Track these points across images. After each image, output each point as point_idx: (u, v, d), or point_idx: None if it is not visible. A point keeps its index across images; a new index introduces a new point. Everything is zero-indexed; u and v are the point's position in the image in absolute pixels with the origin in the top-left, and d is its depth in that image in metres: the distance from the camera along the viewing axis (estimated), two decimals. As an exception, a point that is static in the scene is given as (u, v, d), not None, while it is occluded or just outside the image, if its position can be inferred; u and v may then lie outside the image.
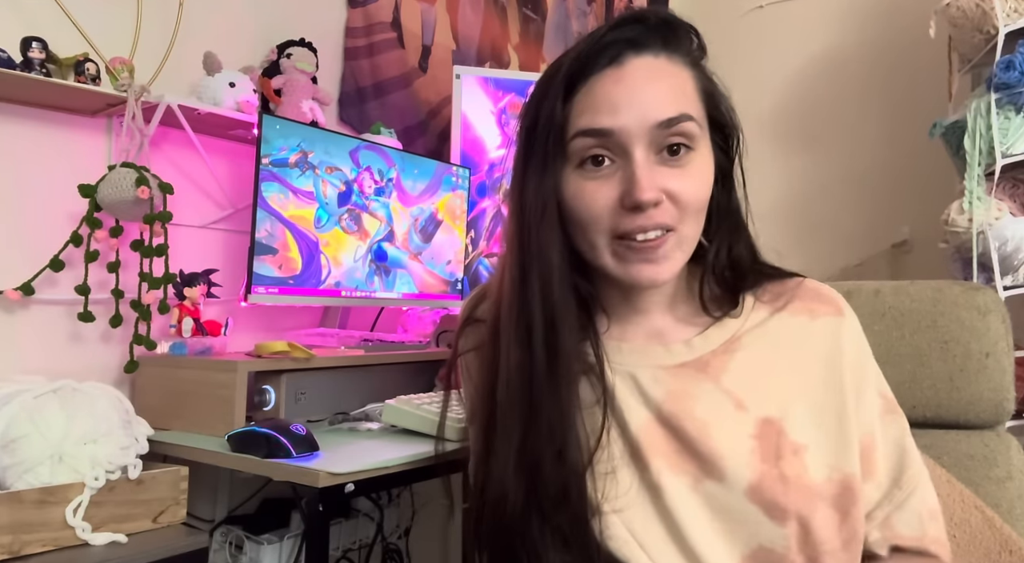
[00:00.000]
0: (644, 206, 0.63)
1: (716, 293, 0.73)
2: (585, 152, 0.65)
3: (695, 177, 0.65)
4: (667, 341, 0.72)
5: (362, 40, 1.79)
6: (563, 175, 0.67)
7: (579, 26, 2.50)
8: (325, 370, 1.30)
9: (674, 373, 0.69)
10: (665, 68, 0.65)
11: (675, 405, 0.67)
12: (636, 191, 0.62)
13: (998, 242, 1.53)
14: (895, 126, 2.23)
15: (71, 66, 1.20)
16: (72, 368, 1.21)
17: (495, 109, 1.87)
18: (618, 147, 0.64)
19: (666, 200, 0.64)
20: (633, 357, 0.71)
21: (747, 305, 0.73)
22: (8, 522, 0.87)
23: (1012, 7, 1.57)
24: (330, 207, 1.42)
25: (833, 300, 0.73)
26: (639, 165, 0.63)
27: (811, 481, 0.64)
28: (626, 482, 0.67)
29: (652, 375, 0.70)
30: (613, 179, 0.65)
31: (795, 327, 0.71)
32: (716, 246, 0.72)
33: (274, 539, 1.34)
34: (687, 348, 0.71)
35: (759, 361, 0.69)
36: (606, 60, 0.64)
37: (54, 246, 1.21)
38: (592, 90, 0.64)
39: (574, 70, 0.65)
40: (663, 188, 0.63)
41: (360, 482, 0.95)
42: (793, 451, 0.65)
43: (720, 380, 0.68)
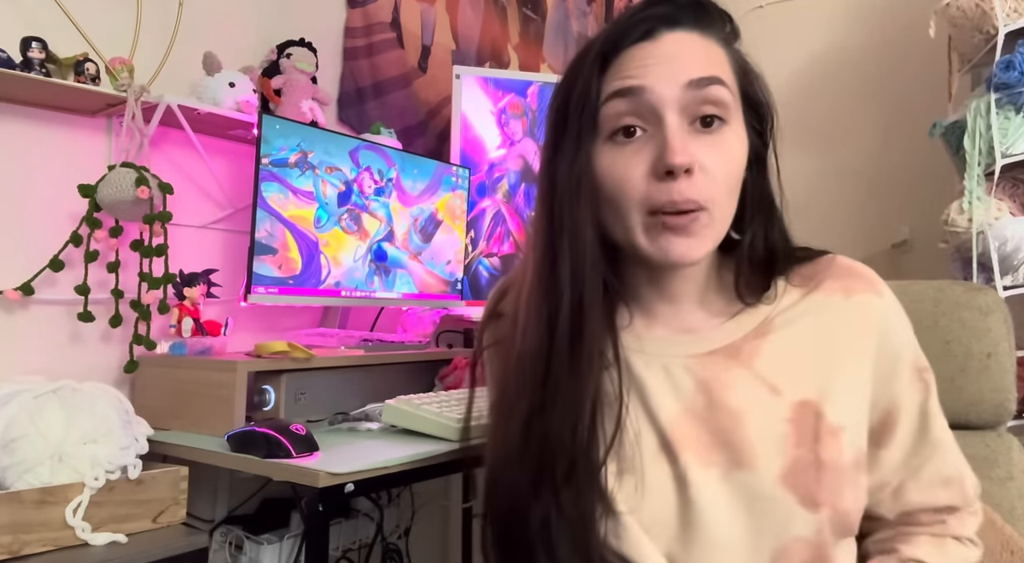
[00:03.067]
0: (676, 170, 0.61)
1: (750, 281, 0.71)
2: (616, 121, 0.64)
3: (728, 151, 0.64)
4: (697, 330, 0.70)
5: (362, 40, 1.79)
6: (595, 148, 0.65)
7: (579, 26, 2.50)
8: (325, 370, 1.30)
9: (705, 361, 0.68)
10: (699, 41, 0.65)
11: (707, 395, 0.66)
12: (668, 154, 0.60)
13: (998, 242, 1.53)
14: (895, 126, 2.23)
15: (71, 66, 1.20)
16: (72, 368, 1.21)
17: (495, 109, 1.87)
18: (649, 111, 0.62)
19: (698, 171, 0.62)
20: (663, 347, 0.69)
21: (779, 289, 0.71)
22: (8, 522, 0.87)
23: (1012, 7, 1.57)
24: (330, 207, 1.42)
25: (868, 277, 0.71)
26: (671, 129, 0.61)
27: (844, 463, 0.64)
28: (654, 477, 0.65)
29: (683, 365, 0.68)
30: (645, 149, 0.63)
31: (830, 306, 0.69)
32: (751, 235, 0.70)
33: (274, 539, 1.34)
34: (718, 334, 0.69)
35: (793, 343, 0.68)
36: (639, 33, 0.64)
37: (54, 246, 1.21)
38: (624, 61, 0.64)
39: (607, 46, 0.65)
40: (696, 158, 0.62)
41: (360, 482, 0.95)
42: (831, 433, 0.64)
43: (753, 365, 0.67)
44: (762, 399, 0.65)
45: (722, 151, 0.63)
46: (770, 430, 0.64)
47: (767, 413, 0.65)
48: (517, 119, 1.89)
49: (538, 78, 1.96)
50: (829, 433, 0.64)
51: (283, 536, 1.35)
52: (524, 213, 1.88)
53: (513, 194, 1.88)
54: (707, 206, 0.63)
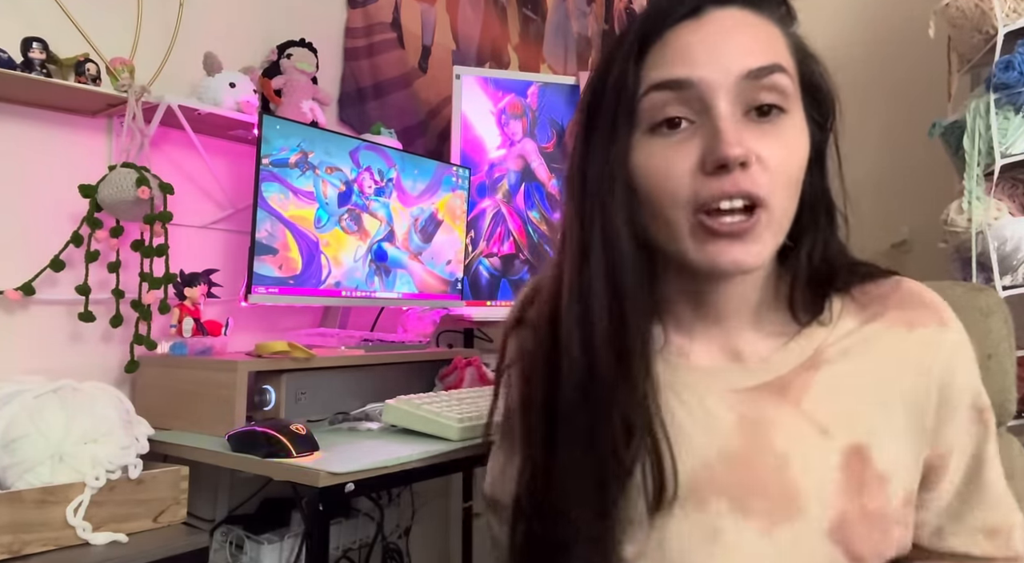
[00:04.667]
0: (730, 163, 0.52)
1: (806, 297, 0.62)
2: (659, 112, 0.55)
3: (789, 143, 0.55)
4: (744, 359, 0.61)
5: (362, 40, 1.79)
6: (632, 142, 0.56)
7: (579, 26, 2.50)
8: (325, 370, 1.30)
9: (748, 397, 0.59)
10: (752, 20, 0.56)
11: (750, 435, 0.58)
12: (721, 146, 0.52)
13: (997, 242, 1.53)
14: (895, 126, 2.23)
15: (71, 66, 1.20)
16: (72, 368, 1.21)
17: (495, 109, 1.88)
18: (698, 102, 0.54)
19: (755, 164, 0.53)
20: (702, 379, 0.61)
21: (835, 311, 0.62)
22: (8, 522, 0.87)
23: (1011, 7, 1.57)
24: (330, 207, 1.42)
25: (936, 307, 0.62)
26: (723, 118, 0.53)
27: (890, 510, 0.57)
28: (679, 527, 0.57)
29: (724, 400, 0.59)
30: (692, 142, 0.54)
31: (889, 340, 0.60)
32: (810, 243, 0.61)
33: (274, 539, 1.34)
34: (764, 367, 0.61)
35: (845, 379, 0.59)
36: (684, 11, 0.55)
37: (54, 246, 1.21)
38: (667, 44, 0.55)
39: (647, 26, 0.56)
40: (752, 150, 0.53)
41: (360, 482, 0.95)
42: (878, 482, 0.57)
43: (801, 403, 0.59)
44: (812, 442, 0.58)
45: (782, 142, 0.55)
46: (819, 477, 0.57)
47: (816, 458, 0.57)
48: (517, 119, 1.89)
49: (538, 78, 1.96)
50: (876, 481, 0.57)
51: (283, 536, 1.35)
52: (524, 213, 1.88)
53: (513, 194, 1.88)
54: (766, 202, 0.54)
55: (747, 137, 0.53)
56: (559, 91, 1.93)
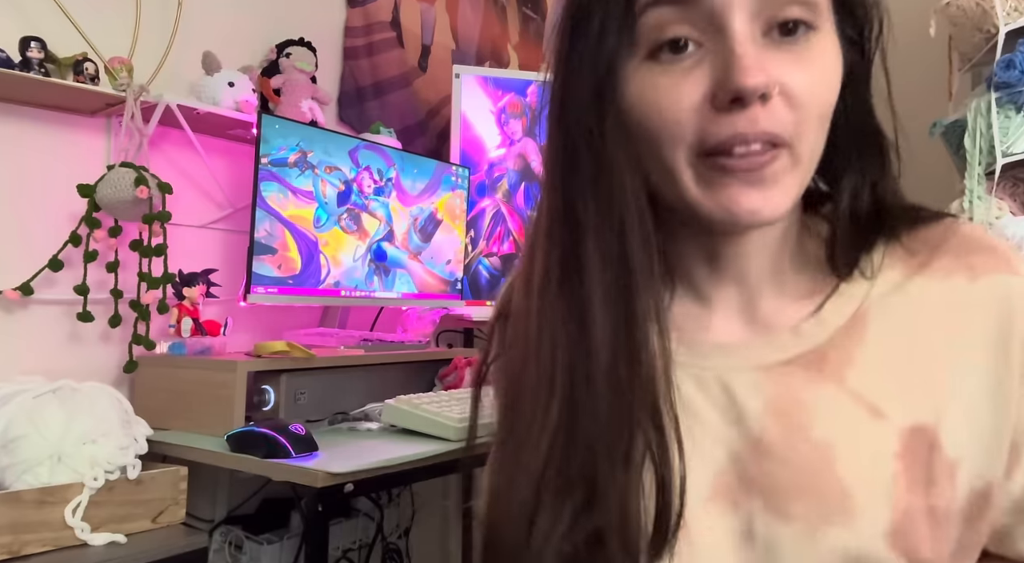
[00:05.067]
0: (748, 96, 0.42)
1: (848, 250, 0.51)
2: (660, 32, 0.44)
3: (818, 69, 0.45)
4: (771, 328, 0.51)
5: (361, 39, 1.79)
6: (626, 69, 0.45)
7: (579, 25, 2.50)
8: (325, 370, 1.30)
9: (779, 375, 0.49)
10: None
11: (784, 422, 0.48)
12: (737, 74, 0.42)
13: (998, 241, 1.52)
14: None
15: (70, 66, 1.20)
16: (71, 368, 1.21)
17: (495, 109, 1.87)
18: (708, 20, 0.43)
19: (777, 97, 0.43)
20: (722, 358, 0.51)
21: (875, 261, 0.51)
22: (8, 522, 0.87)
23: (1012, 6, 1.56)
24: (329, 207, 1.42)
25: (999, 251, 0.50)
26: (739, 40, 0.42)
27: (958, 505, 0.46)
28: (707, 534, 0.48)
29: (750, 380, 0.49)
30: (700, 70, 0.44)
31: (946, 292, 0.49)
32: (853, 185, 0.51)
33: (274, 539, 1.34)
34: (795, 337, 0.50)
35: (897, 344, 0.49)
36: None
37: (53, 246, 1.21)
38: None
39: None
40: (774, 78, 0.43)
41: (359, 482, 0.95)
42: (948, 473, 0.46)
43: (845, 379, 0.48)
44: (861, 426, 0.47)
45: (812, 69, 0.45)
46: (874, 470, 0.46)
47: (869, 446, 0.47)
48: (517, 118, 1.89)
49: (538, 77, 1.95)
50: (945, 471, 0.46)
51: (283, 536, 1.35)
52: (524, 212, 1.88)
53: (513, 194, 1.87)
54: (788, 139, 0.44)
55: (768, 62, 0.43)
56: (559, 90, 1.93)
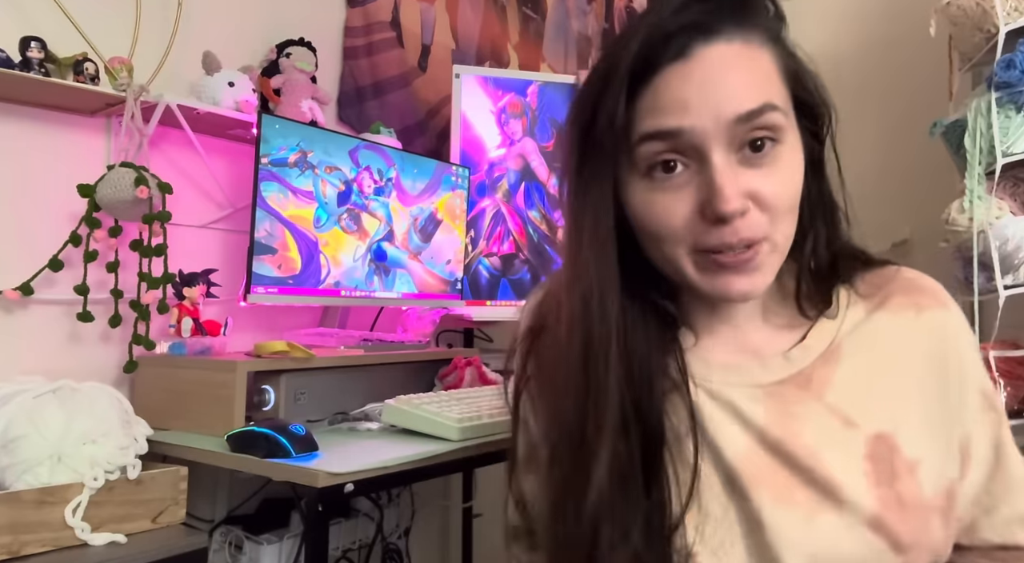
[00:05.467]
0: (728, 218, 0.54)
1: (811, 291, 0.64)
2: (654, 158, 0.56)
3: (784, 174, 0.57)
4: (763, 355, 0.63)
5: (361, 39, 1.79)
6: (628, 185, 0.58)
7: (579, 25, 2.50)
8: (325, 370, 1.30)
9: (774, 392, 0.61)
10: (740, 55, 0.55)
11: (781, 429, 0.59)
12: (718, 202, 0.53)
13: (999, 241, 1.52)
14: (895, 125, 2.23)
15: (70, 66, 1.20)
16: (71, 368, 1.21)
17: (495, 108, 1.87)
18: (691, 149, 0.55)
19: (752, 207, 0.55)
20: (726, 376, 0.62)
21: (842, 301, 0.64)
22: (7, 522, 0.87)
23: (1012, 6, 1.56)
24: (329, 207, 1.42)
25: (936, 291, 0.65)
26: (718, 170, 0.54)
27: (925, 498, 0.58)
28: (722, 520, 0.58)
29: (750, 395, 0.61)
30: (689, 188, 0.56)
31: (900, 325, 0.63)
32: (813, 240, 0.63)
33: (274, 539, 1.34)
34: (786, 362, 0.62)
35: (863, 369, 0.62)
36: (672, 53, 0.55)
37: (53, 246, 1.21)
38: (657, 90, 0.55)
39: (636, 66, 0.56)
40: (748, 192, 0.55)
41: (360, 482, 0.95)
42: (908, 469, 0.58)
43: (824, 396, 0.60)
44: (838, 434, 0.59)
45: (777, 175, 0.56)
46: (852, 468, 0.58)
47: (846, 449, 0.59)
48: (517, 118, 1.89)
49: (538, 77, 1.96)
50: (906, 469, 0.58)
51: (283, 536, 1.35)
52: (524, 213, 1.88)
53: (513, 194, 1.87)
54: (767, 236, 0.56)
55: (743, 179, 0.55)
56: (559, 90, 1.93)
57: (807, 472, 0.58)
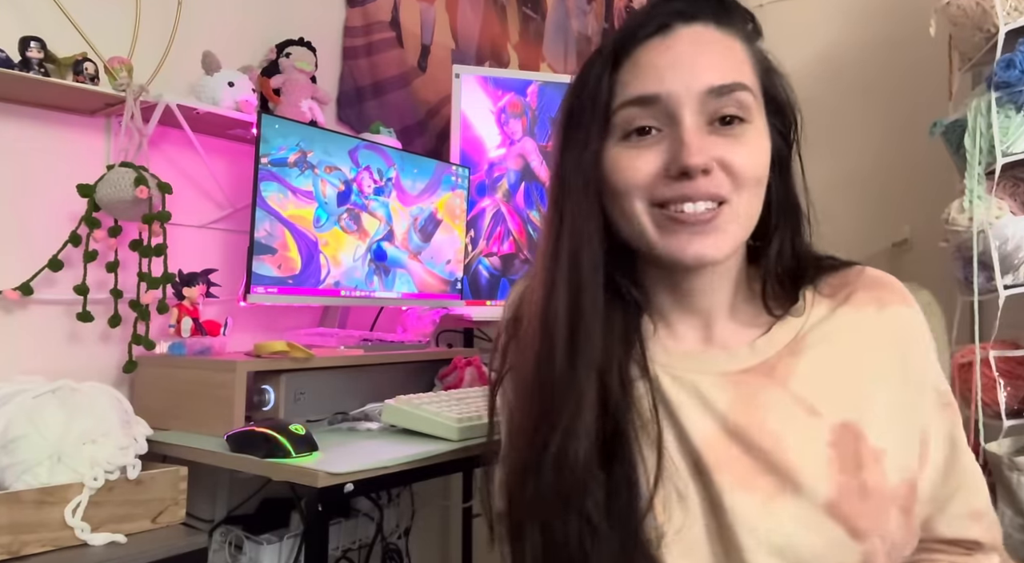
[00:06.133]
0: (692, 171, 0.57)
1: (777, 292, 0.67)
2: (630, 123, 0.60)
3: (751, 148, 0.60)
4: (729, 346, 0.66)
5: (361, 39, 1.79)
6: (605, 148, 0.62)
7: (579, 25, 2.50)
8: (325, 370, 1.30)
9: (738, 380, 0.63)
10: (717, 37, 0.60)
11: (743, 415, 0.61)
12: (684, 154, 0.57)
13: (998, 241, 1.52)
14: (895, 125, 2.23)
15: (69, 66, 1.20)
16: (71, 368, 1.21)
17: (495, 108, 1.87)
18: (665, 114, 0.59)
19: (718, 169, 0.58)
20: (692, 363, 0.65)
21: (807, 300, 0.67)
22: (7, 522, 0.87)
23: (1012, 6, 1.56)
24: (329, 207, 1.42)
25: (899, 289, 0.68)
26: (688, 129, 0.57)
27: (888, 488, 0.60)
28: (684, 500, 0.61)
29: (715, 382, 0.63)
30: (658, 148, 0.59)
31: (862, 320, 0.65)
32: (779, 243, 0.66)
33: (274, 539, 1.34)
34: (751, 351, 0.65)
35: (828, 360, 0.64)
36: (653, 28, 0.59)
37: (53, 246, 1.21)
38: (638, 60, 0.59)
39: (619, 41, 0.60)
40: (715, 156, 0.58)
41: (359, 482, 0.95)
42: (874, 458, 0.60)
43: (788, 385, 0.62)
44: (801, 421, 0.61)
45: (745, 149, 0.59)
46: (813, 454, 0.60)
47: (808, 436, 0.60)
48: (517, 118, 1.89)
49: (538, 77, 1.96)
50: (872, 457, 0.60)
51: (283, 536, 1.35)
52: (524, 212, 1.88)
53: (513, 193, 1.87)
54: (729, 198, 0.59)
55: (710, 144, 0.58)
56: (559, 90, 1.93)
57: (767, 457, 0.60)
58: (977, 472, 0.67)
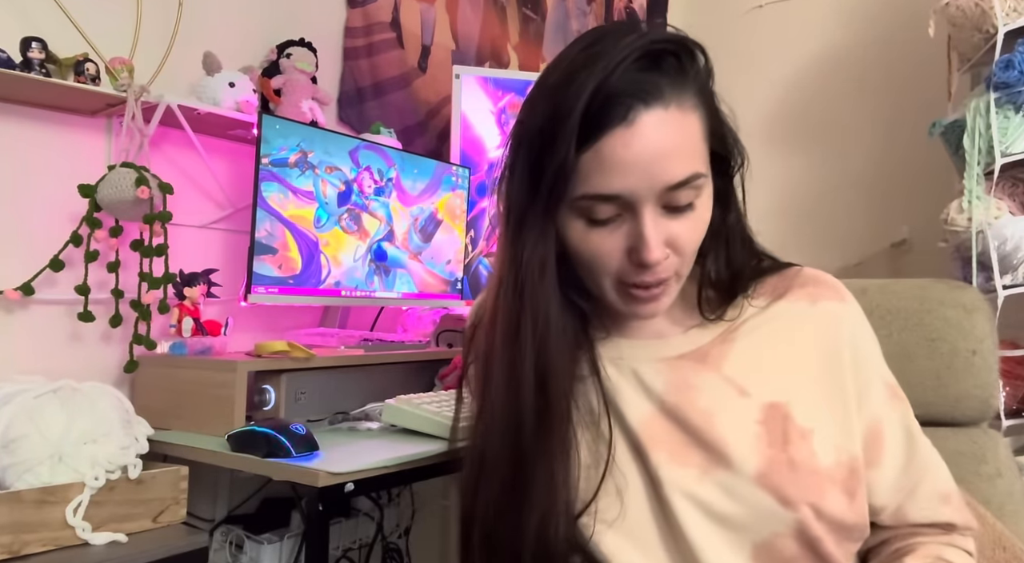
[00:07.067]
0: (651, 265, 0.63)
1: (712, 298, 0.73)
2: (593, 212, 0.64)
3: (698, 219, 0.66)
4: (665, 336, 0.73)
5: (361, 40, 1.79)
6: (567, 221, 0.66)
7: (579, 26, 2.50)
8: (325, 370, 1.30)
9: (674, 365, 0.70)
10: (675, 122, 0.62)
11: (677, 396, 0.68)
12: (644, 251, 0.62)
13: (997, 241, 1.52)
14: (894, 125, 2.23)
15: (71, 66, 1.20)
16: (72, 368, 1.21)
17: (495, 109, 1.87)
18: (626, 204, 0.63)
19: (670, 253, 0.65)
20: (633, 352, 0.72)
21: (741, 308, 0.73)
22: (8, 522, 0.87)
23: (1011, 6, 1.57)
24: (330, 207, 1.42)
25: (834, 286, 0.73)
26: (647, 226, 0.62)
27: (820, 465, 0.64)
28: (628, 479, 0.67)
29: (653, 368, 0.70)
30: (619, 232, 0.64)
31: (795, 312, 0.71)
32: (713, 256, 0.72)
33: (274, 539, 1.34)
34: (685, 339, 0.72)
35: (759, 347, 0.70)
36: (617, 117, 0.61)
37: (54, 246, 1.21)
38: (601, 151, 0.61)
39: (584, 122, 0.61)
40: (667, 239, 0.64)
41: (360, 482, 0.95)
42: (800, 435, 0.65)
43: (721, 369, 0.69)
44: (732, 401, 0.67)
45: (693, 224, 0.65)
46: (742, 431, 0.66)
47: (738, 414, 0.67)
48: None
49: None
50: (799, 435, 0.65)
51: (283, 536, 1.35)
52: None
53: (513, 194, 1.87)
54: (675, 274, 0.66)
55: (664, 228, 0.63)
56: (559, 90, 1.93)
57: (699, 434, 0.66)
58: (937, 457, 0.72)
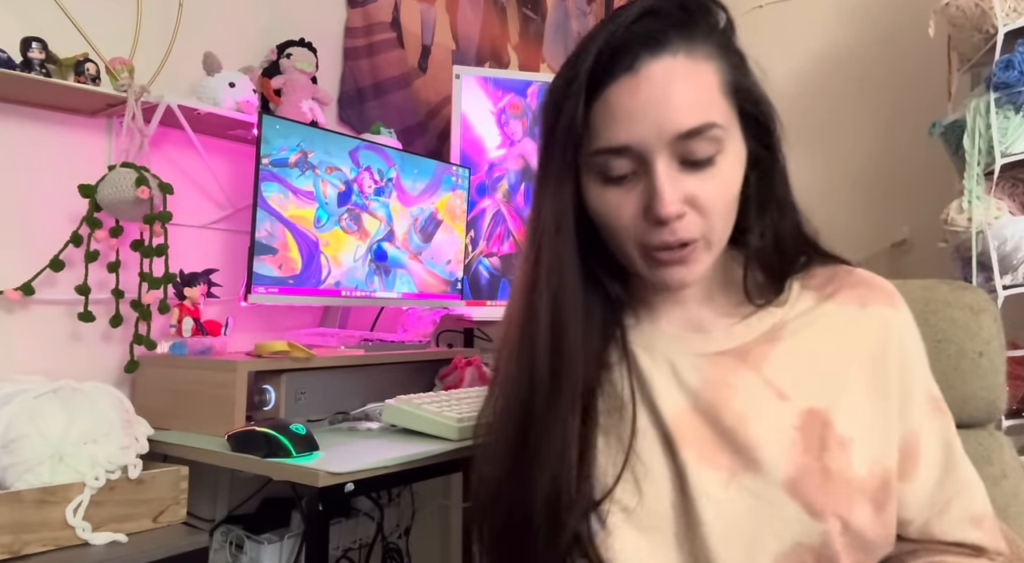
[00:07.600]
0: (666, 221, 0.60)
1: (760, 280, 0.69)
2: (606, 169, 0.62)
3: (721, 179, 0.62)
4: (706, 330, 0.69)
5: (362, 40, 1.79)
6: (584, 183, 0.65)
7: (579, 26, 2.50)
8: (325, 370, 1.30)
9: (712, 361, 0.67)
10: (683, 69, 0.59)
11: (713, 394, 0.65)
12: (658, 206, 0.59)
13: (997, 241, 1.52)
14: (894, 125, 2.23)
15: (71, 66, 1.21)
16: (72, 368, 1.21)
17: (495, 109, 1.87)
18: (638, 159, 0.61)
19: (690, 211, 0.61)
20: (670, 344, 0.69)
21: (793, 292, 0.69)
22: (8, 522, 0.87)
23: (1011, 7, 1.57)
24: (330, 207, 1.42)
25: (886, 290, 0.69)
26: (660, 178, 0.60)
27: (854, 475, 0.61)
28: (654, 472, 0.64)
29: (690, 363, 0.67)
30: (636, 190, 0.62)
31: (843, 316, 0.67)
32: (759, 231, 0.68)
33: (274, 539, 1.34)
34: (727, 336, 0.68)
35: (804, 351, 0.66)
36: (622, 68, 0.60)
37: (54, 246, 1.21)
38: (608, 102, 0.61)
39: (591, 77, 0.61)
40: (686, 197, 0.61)
41: (360, 482, 0.95)
42: (839, 444, 0.62)
43: (761, 370, 0.65)
44: (770, 404, 0.64)
45: (714, 180, 0.61)
46: (777, 435, 0.63)
47: (775, 418, 0.63)
48: (517, 119, 1.89)
49: (538, 78, 1.96)
50: (837, 443, 0.62)
51: (283, 536, 1.35)
52: (524, 213, 1.88)
53: (513, 194, 1.88)
54: (701, 237, 0.62)
55: (682, 184, 0.61)
56: (559, 91, 1.93)
57: (731, 435, 0.63)
58: (976, 478, 0.68)
